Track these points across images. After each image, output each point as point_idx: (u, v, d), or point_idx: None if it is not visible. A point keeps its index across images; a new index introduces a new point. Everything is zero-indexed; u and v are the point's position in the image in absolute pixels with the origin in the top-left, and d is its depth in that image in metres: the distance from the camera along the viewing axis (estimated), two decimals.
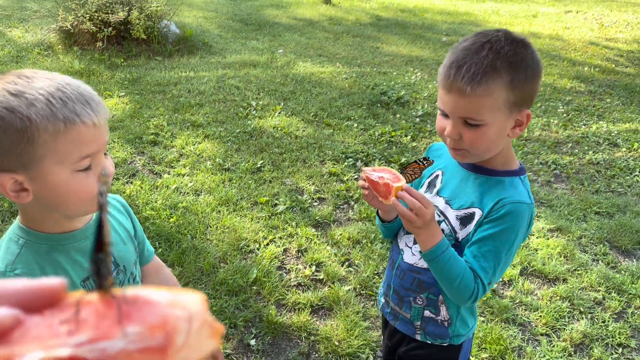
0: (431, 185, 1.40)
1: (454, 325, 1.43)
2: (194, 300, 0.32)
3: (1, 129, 0.86)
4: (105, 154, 1.01)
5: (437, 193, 1.37)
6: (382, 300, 1.59)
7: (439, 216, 1.34)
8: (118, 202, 1.25)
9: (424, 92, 5.23)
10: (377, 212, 1.46)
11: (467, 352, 1.52)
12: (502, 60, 1.11)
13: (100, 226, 0.35)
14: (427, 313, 1.43)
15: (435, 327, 1.44)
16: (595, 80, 6.14)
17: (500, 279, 2.80)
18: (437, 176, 1.40)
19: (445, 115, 1.21)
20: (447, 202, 1.33)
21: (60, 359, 0.27)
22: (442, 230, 1.32)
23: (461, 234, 1.30)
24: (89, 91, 0.94)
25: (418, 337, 1.48)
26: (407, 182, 1.23)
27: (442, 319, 1.43)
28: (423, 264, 1.37)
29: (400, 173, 1.23)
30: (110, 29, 5.49)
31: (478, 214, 1.26)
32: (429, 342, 1.47)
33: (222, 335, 0.32)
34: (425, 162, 1.25)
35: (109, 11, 5.49)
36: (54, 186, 0.94)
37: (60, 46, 5.76)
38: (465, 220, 1.29)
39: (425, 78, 5.72)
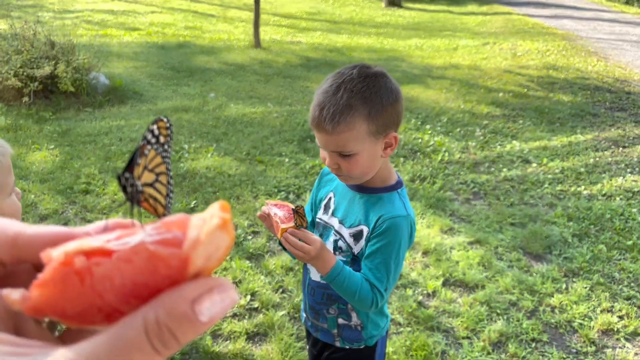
0: (327, 207, 1.57)
1: (366, 328, 1.58)
2: (213, 206, 0.33)
3: None
4: None
5: (333, 214, 1.54)
6: (304, 314, 1.73)
7: (336, 235, 1.51)
8: None
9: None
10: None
11: (382, 348, 1.68)
12: (356, 98, 1.30)
13: (136, 150, 0.41)
14: (340, 321, 1.58)
15: (350, 332, 1.59)
16: (509, 104, 6.64)
17: (396, 286, 2.99)
18: (330, 198, 1.58)
19: None
20: (340, 222, 1.51)
21: (92, 249, 0.31)
22: (340, 247, 1.49)
23: (356, 249, 1.47)
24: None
25: (337, 344, 1.62)
26: (296, 225, 1.38)
27: (355, 324, 1.58)
28: None
29: (294, 213, 1.39)
30: (36, 83, 5.49)
31: (365, 230, 1.44)
32: (347, 347, 1.61)
33: (231, 224, 0.33)
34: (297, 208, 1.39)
35: (35, 66, 5.51)
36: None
37: None
38: (356, 236, 1.46)
39: None
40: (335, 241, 1.51)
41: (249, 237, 3.45)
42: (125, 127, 5.24)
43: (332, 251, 1.51)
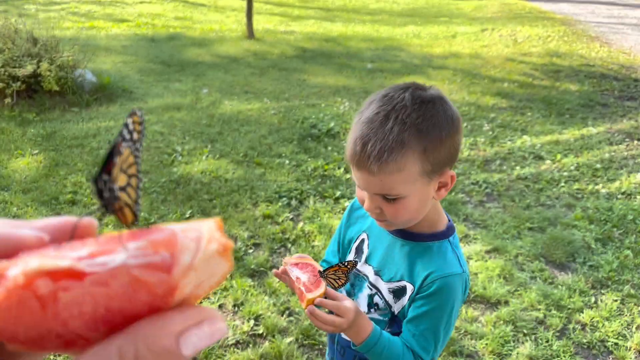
0: (359, 251, 1.31)
1: None
2: (207, 224, 0.30)
3: None
4: None
5: (366, 260, 1.27)
6: None
7: (371, 289, 1.25)
8: None
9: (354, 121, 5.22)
10: None
11: None
12: (410, 132, 1.02)
13: (112, 147, 0.36)
14: None
15: None
16: (516, 95, 6.38)
17: None
18: (362, 240, 1.31)
19: None
20: (376, 273, 1.24)
21: (58, 270, 0.27)
22: (376, 304, 1.24)
23: (396, 308, 1.21)
24: None
25: None
26: (334, 287, 1.14)
27: None
28: None
29: (321, 277, 1.14)
30: (19, 83, 5.18)
31: (409, 288, 1.18)
32: None
33: (232, 250, 0.30)
34: (347, 264, 1.15)
35: (17, 65, 5.18)
36: None
37: None
38: (397, 293, 1.20)
39: (353, 107, 5.74)
40: (370, 296, 1.24)
41: (250, 251, 3.19)
42: (114, 129, 4.95)
43: (366, 307, 1.25)
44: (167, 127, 5.00)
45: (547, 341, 2.56)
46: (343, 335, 1.31)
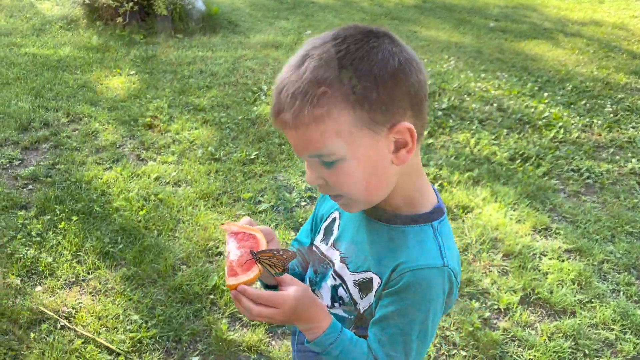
0: (328, 232, 1.07)
1: None
2: None
3: None
4: None
5: (334, 244, 1.04)
6: None
7: (335, 278, 1.02)
8: None
9: (454, 82, 4.78)
10: None
11: None
12: (328, 67, 0.76)
13: None
14: None
15: None
16: None
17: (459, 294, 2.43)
18: (334, 219, 1.06)
19: None
20: (342, 261, 1.00)
21: None
22: (341, 297, 1.00)
23: (362, 304, 0.97)
24: None
25: None
26: (275, 273, 0.91)
27: None
28: None
29: (255, 259, 0.91)
30: (131, 4, 5.34)
31: (376, 281, 0.93)
32: None
33: None
34: (283, 253, 0.90)
35: None
36: None
37: (84, 20, 5.68)
38: (363, 286, 0.95)
39: (459, 67, 5.25)
40: (334, 287, 1.01)
41: (303, 204, 3.05)
42: (209, 60, 4.96)
43: (330, 301, 1.03)
44: (259, 65, 4.91)
45: None
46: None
